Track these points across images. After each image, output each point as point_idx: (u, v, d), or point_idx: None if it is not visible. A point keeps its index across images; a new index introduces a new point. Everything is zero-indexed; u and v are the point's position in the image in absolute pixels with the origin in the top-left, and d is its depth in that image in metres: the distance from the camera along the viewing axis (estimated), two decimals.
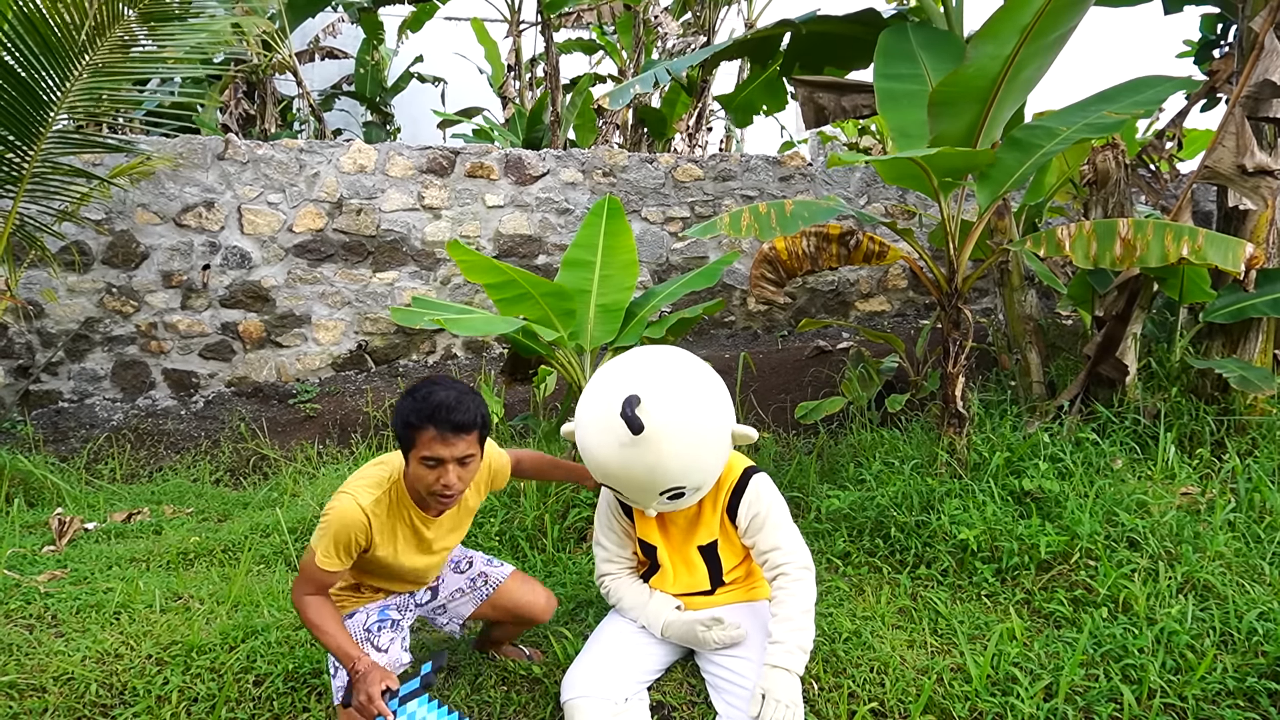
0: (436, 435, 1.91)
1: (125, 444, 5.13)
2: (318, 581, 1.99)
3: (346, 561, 1.99)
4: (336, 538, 1.96)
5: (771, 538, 2.21)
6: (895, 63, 3.67)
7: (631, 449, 2.04)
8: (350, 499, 1.98)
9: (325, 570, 1.97)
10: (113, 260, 5.50)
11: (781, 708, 1.97)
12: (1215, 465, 3.51)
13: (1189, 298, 3.97)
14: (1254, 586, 2.62)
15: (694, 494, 2.18)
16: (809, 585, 2.18)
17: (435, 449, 1.92)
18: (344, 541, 1.97)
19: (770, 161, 6.84)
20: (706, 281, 3.87)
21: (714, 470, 2.18)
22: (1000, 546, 2.87)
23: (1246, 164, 3.52)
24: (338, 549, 1.97)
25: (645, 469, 2.06)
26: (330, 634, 1.95)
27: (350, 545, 1.98)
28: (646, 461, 2.04)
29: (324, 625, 1.96)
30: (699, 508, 2.30)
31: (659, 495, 2.12)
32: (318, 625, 1.97)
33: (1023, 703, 2.16)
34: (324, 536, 1.96)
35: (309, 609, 1.98)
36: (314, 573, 1.98)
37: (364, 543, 2.00)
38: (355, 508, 1.97)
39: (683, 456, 2.07)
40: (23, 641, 2.44)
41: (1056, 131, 3.37)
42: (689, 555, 2.30)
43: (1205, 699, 2.20)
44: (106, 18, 4.13)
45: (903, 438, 3.97)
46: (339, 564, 1.98)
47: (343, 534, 1.96)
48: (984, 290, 6.92)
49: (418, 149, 6.11)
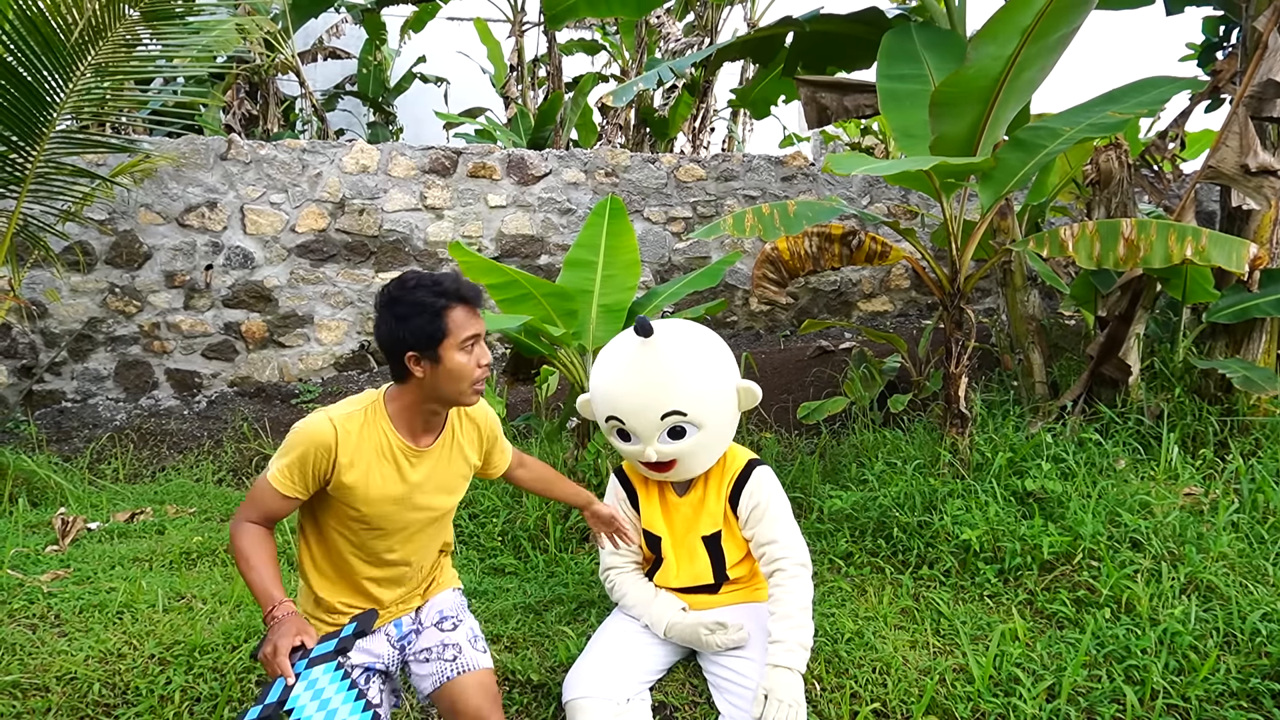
0: (468, 311, 1.74)
1: (128, 444, 5.14)
2: (263, 507, 1.74)
3: (302, 487, 1.74)
4: (297, 453, 1.72)
5: (770, 530, 2.22)
6: (898, 63, 3.67)
7: (640, 358, 2.18)
8: (318, 412, 1.78)
9: (276, 490, 1.72)
10: (116, 260, 5.51)
11: (785, 707, 1.97)
12: (1219, 466, 3.51)
13: (1192, 298, 3.96)
14: (1257, 587, 2.61)
15: (694, 438, 2.19)
16: (806, 583, 2.18)
17: (472, 325, 1.74)
18: (304, 459, 1.72)
19: (773, 161, 6.84)
20: (709, 281, 3.87)
21: (717, 415, 2.23)
22: (1003, 547, 2.87)
23: (1250, 164, 3.52)
24: (295, 468, 1.72)
25: (652, 382, 2.16)
26: (255, 568, 1.68)
27: (311, 465, 1.72)
28: (653, 371, 2.17)
29: (251, 556, 1.70)
30: (703, 495, 2.32)
31: (661, 420, 2.16)
32: (244, 556, 1.70)
33: (1025, 703, 2.16)
34: (283, 454, 1.74)
35: (243, 535, 1.72)
36: (262, 493, 1.73)
37: (327, 466, 1.74)
38: (322, 419, 1.74)
39: (688, 375, 2.18)
40: (26, 641, 2.44)
41: (1059, 132, 3.37)
42: (693, 546, 2.31)
43: (1208, 700, 2.20)
44: (109, 18, 4.13)
45: (905, 438, 3.97)
46: (293, 487, 1.73)
47: (303, 448, 1.71)
48: (987, 290, 6.91)
49: (420, 149, 6.12)
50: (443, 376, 1.74)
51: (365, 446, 1.77)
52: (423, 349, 1.72)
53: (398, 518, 1.85)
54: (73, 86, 4.17)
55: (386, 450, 1.80)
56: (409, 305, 1.71)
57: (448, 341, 1.72)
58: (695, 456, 2.24)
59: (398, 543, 1.89)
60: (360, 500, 1.78)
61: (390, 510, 1.83)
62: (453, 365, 1.73)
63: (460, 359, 1.73)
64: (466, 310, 1.74)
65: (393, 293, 1.74)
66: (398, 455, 1.81)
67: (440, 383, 1.75)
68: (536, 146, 8.68)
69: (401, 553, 1.91)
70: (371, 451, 1.78)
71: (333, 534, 1.85)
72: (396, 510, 1.83)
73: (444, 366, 1.73)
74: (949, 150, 3.13)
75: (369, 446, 1.78)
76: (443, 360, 1.72)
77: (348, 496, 1.78)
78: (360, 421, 1.78)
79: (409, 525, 1.88)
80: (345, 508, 1.80)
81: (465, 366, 1.74)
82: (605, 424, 2.30)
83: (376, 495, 1.79)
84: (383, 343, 1.77)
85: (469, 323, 1.74)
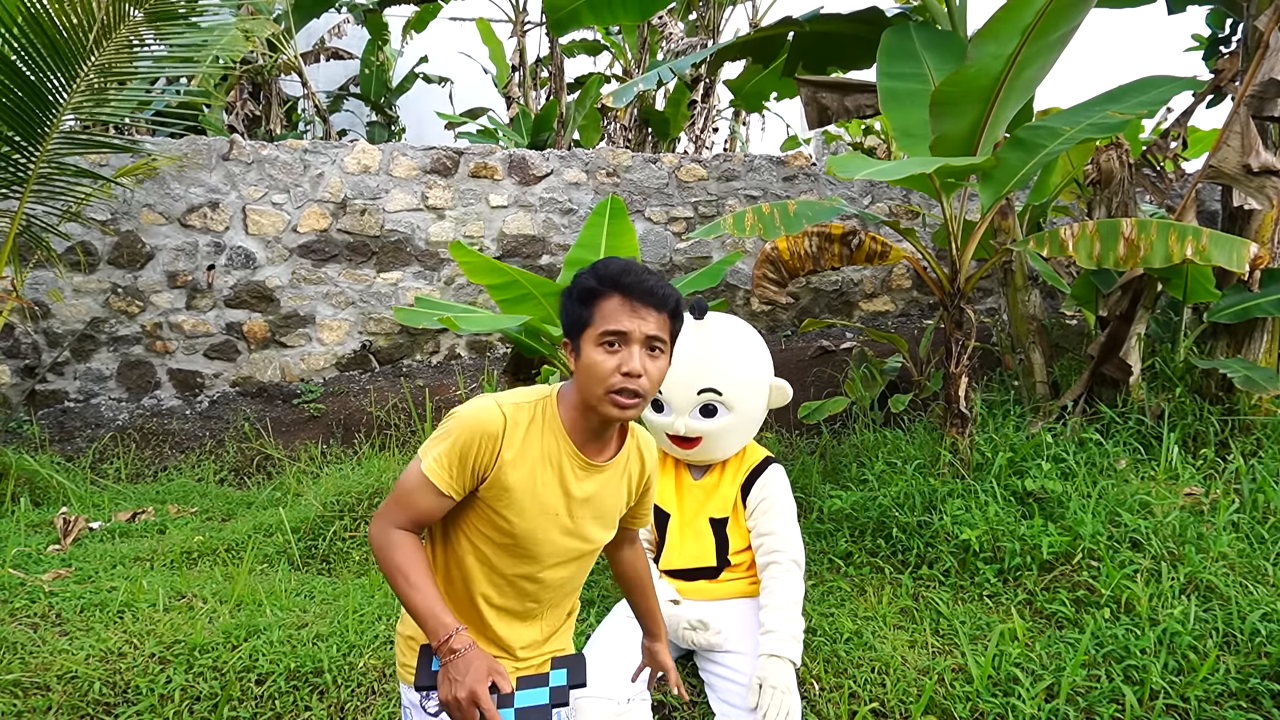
0: (623, 302, 1.46)
1: (130, 443, 5.15)
2: (414, 508, 1.47)
3: (459, 483, 1.47)
4: (458, 441, 1.45)
5: (772, 523, 2.29)
6: (898, 62, 3.67)
7: (689, 335, 2.35)
8: (482, 396, 1.53)
9: (431, 485, 1.45)
10: (118, 260, 5.52)
11: (779, 694, 1.98)
12: (1219, 466, 3.50)
13: (1193, 298, 3.96)
14: (1257, 587, 2.61)
15: (724, 420, 2.33)
16: (798, 579, 2.22)
17: (619, 320, 1.45)
18: (467, 446, 1.45)
19: (774, 161, 6.84)
20: (710, 281, 3.87)
21: (749, 403, 2.38)
22: (1002, 547, 2.87)
23: (1252, 163, 3.51)
24: (454, 457, 1.45)
25: (696, 357, 2.34)
26: (417, 587, 1.41)
27: (473, 455, 1.46)
28: (699, 349, 2.35)
29: (410, 572, 1.42)
30: (718, 481, 2.40)
31: (697, 395, 2.32)
32: (402, 572, 1.42)
33: (1024, 703, 2.16)
34: (440, 439, 1.47)
35: (394, 547, 1.45)
36: (413, 488, 1.47)
37: (490, 460, 1.47)
38: (489, 403, 1.49)
39: (731, 359, 2.37)
40: (27, 640, 2.45)
41: (1060, 131, 3.37)
42: (700, 526, 2.36)
43: (1208, 700, 2.20)
44: (113, 19, 4.14)
45: (905, 438, 3.97)
46: (450, 482, 1.46)
47: (467, 435, 1.45)
48: (988, 290, 6.91)
49: (422, 149, 6.13)
50: (581, 374, 1.49)
51: (531, 445, 1.51)
52: (568, 335, 1.52)
53: (549, 540, 1.55)
54: (76, 87, 4.18)
55: (554, 455, 1.53)
56: (574, 286, 1.51)
57: (588, 331, 1.47)
58: (720, 439, 2.36)
59: (541, 571, 1.58)
60: (515, 509, 1.51)
61: (544, 526, 1.54)
62: (587, 359, 1.47)
63: (595, 355, 1.46)
64: (624, 303, 1.46)
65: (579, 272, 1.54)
66: (565, 463, 1.53)
67: (581, 381, 1.50)
68: (539, 147, 8.69)
69: (538, 586, 1.60)
70: (537, 453, 1.52)
71: (463, 548, 1.57)
72: (551, 529, 1.55)
73: (583, 360, 1.48)
74: (949, 150, 3.13)
75: (535, 446, 1.52)
76: (582, 352, 1.48)
77: (502, 502, 1.50)
78: (529, 415, 1.52)
79: (558, 552, 1.58)
80: (493, 516, 1.52)
81: (600, 366, 1.45)
82: None
83: (535, 506, 1.52)
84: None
85: (620, 317, 1.45)
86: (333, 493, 3.79)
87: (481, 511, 1.52)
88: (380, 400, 5.63)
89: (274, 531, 3.61)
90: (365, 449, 5.04)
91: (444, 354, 6.31)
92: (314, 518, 3.63)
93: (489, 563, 1.55)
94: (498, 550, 1.54)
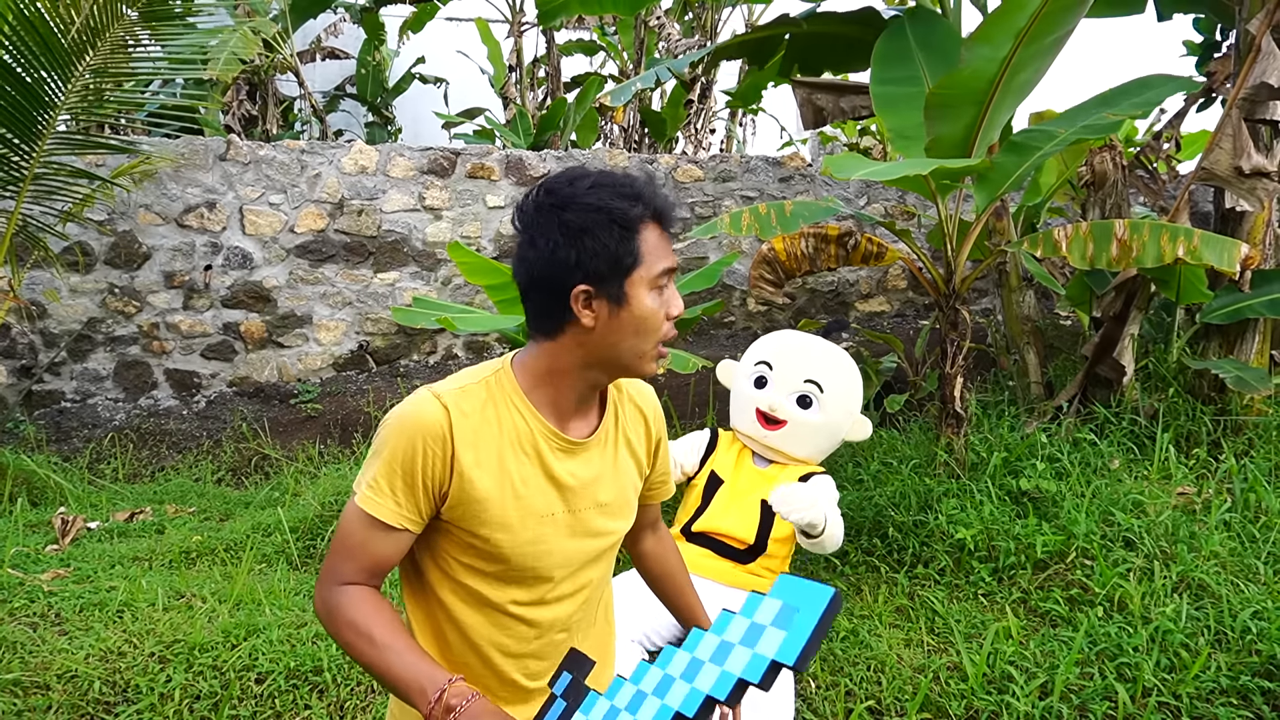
0: (660, 231, 1.16)
1: (127, 444, 5.15)
2: (360, 554, 1.12)
3: (413, 507, 1.11)
4: (394, 454, 1.11)
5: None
6: (892, 65, 3.68)
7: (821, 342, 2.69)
8: (422, 389, 1.16)
9: (371, 519, 1.10)
10: (115, 261, 5.52)
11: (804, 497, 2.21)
12: (1212, 465, 3.53)
13: (1186, 298, 3.99)
14: (1248, 586, 2.64)
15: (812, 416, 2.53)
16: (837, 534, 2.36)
17: (664, 254, 1.15)
18: (408, 459, 1.10)
19: (770, 162, 6.86)
20: (706, 282, 3.89)
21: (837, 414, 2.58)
22: (997, 546, 2.89)
23: (1243, 166, 3.54)
24: (395, 477, 1.11)
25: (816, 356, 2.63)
26: (387, 645, 1.07)
27: (419, 468, 1.10)
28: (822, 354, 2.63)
29: (374, 630, 1.08)
30: (780, 473, 2.53)
31: (803, 382, 2.55)
32: (362, 633, 1.09)
33: (1019, 701, 2.18)
34: (373, 459, 1.13)
35: (344, 609, 1.10)
36: (353, 530, 1.12)
37: (443, 471, 1.11)
38: (424, 398, 1.14)
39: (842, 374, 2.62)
40: (27, 639, 2.46)
41: (1054, 134, 3.39)
42: (752, 505, 2.43)
43: (1199, 697, 2.22)
44: (107, 18, 4.14)
45: (901, 438, 3.99)
46: (396, 510, 1.11)
47: (405, 445, 1.10)
48: (983, 291, 6.93)
49: (419, 150, 6.13)
50: (625, 327, 1.13)
51: (492, 436, 1.15)
52: (602, 281, 1.11)
53: (553, 551, 1.19)
54: (71, 86, 4.18)
55: (527, 440, 1.17)
56: (588, 212, 1.10)
57: (639, 273, 1.12)
58: (801, 434, 2.53)
59: (554, 591, 1.22)
60: (497, 525, 1.15)
61: (541, 536, 1.18)
62: (642, 309, 1.13)
63: (651, 303, 1.13)
64: (661, 232, 1.16)
65: (561, 192, 1.12)
66: (542, 446, 1.17)
67: (619, 337, 1.13)
68: (542, 148, 8.70)
69: (558, 609, 1.23)
70: (504, 444, 1.15)
71: (449, 595, 1.19)
72: (550, 537, 1.19)
73: (629, 310, 1.12)
74: (944, 152, 3.15)
75: (498, 436, 1.15)
76: (629, 300, 1.12)
77: (478, 520, 1.14)
78: (480, 399, 1.16)
79: (569, 561, 1.22)
80: (473, 541, 1.15)
81: (656, 316, 1.14)
82: (751, 368, 2.66)
83: (521, 513, 1.16)
84: (535, 272, 1.13)
85: (665, 251, 1.16)
86: (330, 493, 3.80)
87: (457, 539, 1.16)
88: (378, 400, 5.63)
89: (272, 531, 3.61)
90: (362, 449, 5.04)
91: (441, 354, 6.32)
92: (312, 518, 3.64)
93: (487, 602, 1.19)
94: (492, 583, 1.18)
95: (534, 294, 1.16)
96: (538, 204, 1.14)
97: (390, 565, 1.15)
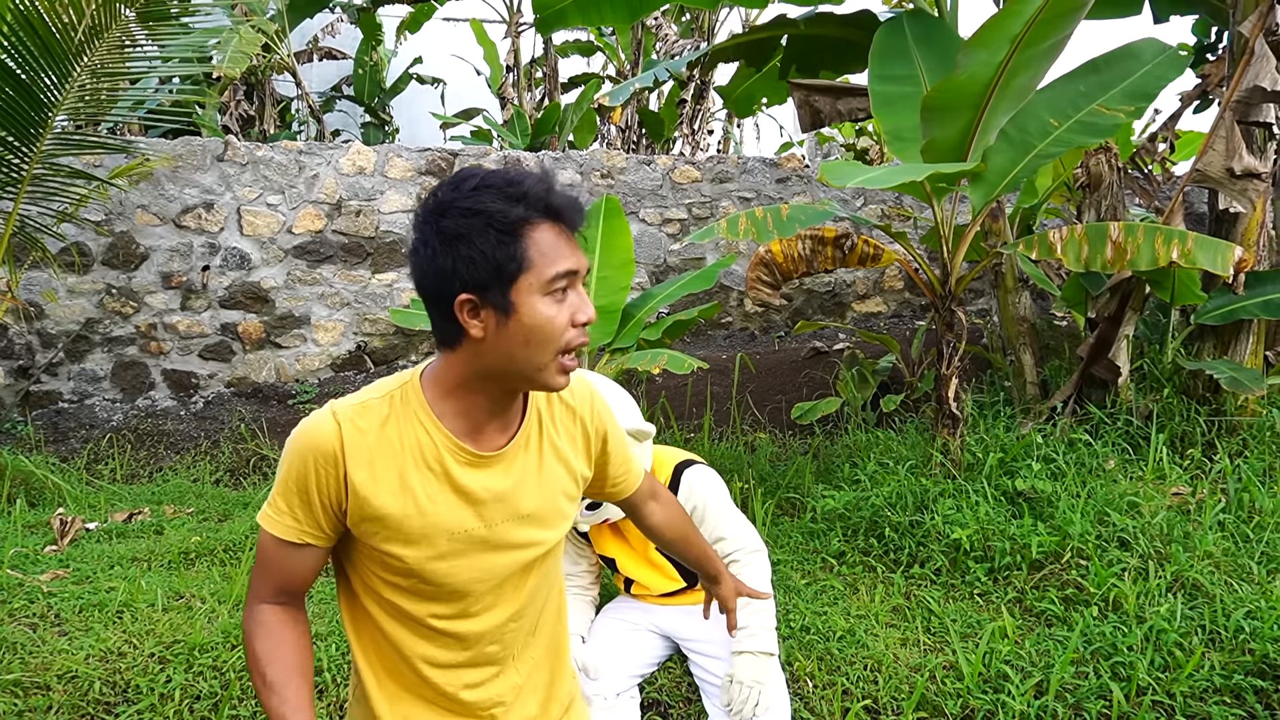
0: (560, 234, 1.09)
1: (125, 444, 5.15)
2: (273, 572, 1.16)
3: (311, 524, 1.13)
4: (290, 471, 1.12)
5: (714, 529, 2.19)
6: (890, 63, 3.69)
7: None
8: (327, 405, 1.16)
9: (273, 536, 1.13)
10: (113, 261, 5.52)
11: (744, 689, 1.99)
12: (1206, 466, 3.56)
13: (1180, 300, 4.01)
14: (1242, 585, 2.66)
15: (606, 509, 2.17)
16: (762, 565, 2.18)
17: (568, 257, 1.09)
18: (303, 477, 1.11)
19: (767, 164, 6.88)
20: (704, 283, 3.91)
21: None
22: (993, 546, 2.91)
23: (1235, 167, 3.56)
24: (292, 494, 1.12)
25: None
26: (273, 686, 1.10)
27: (314, 486, 1.11)
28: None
29: (268, 668, 1.11)
30: None
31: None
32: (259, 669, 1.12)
33: (1014, 700, 2.20)
34: (277, 475, 1.15)
35: (253, 638, 1.14)
36: (263, 546, 1.15)
37: (337, 487, 1.12)
38: (324, 415, 1.13)
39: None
40: (26, 640, 2.47)
41: (1048, 127, 3.37)
42: (652, 558, 2.30)
43: (1193, 696, 2.24)
44: (105, 18, 4.14)
45: (897, 438, 4.01)
46: (296, 526, 1.13)
47: (299, 463, 1.11)
48: (979, 292, 6.96)
49: (416, 151, 6.14)
50: (514, 338, 1.08)
51: (391, 453, 1.13)
52: (484, 289, 1.06)
53: (467, 566, 1.17)
54: (68, 87, 4.18)
55: (431, 455, 1.15)
56: (466, 217, 1.05)
57: (527, 279, 1.06)
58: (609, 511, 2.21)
59: (475, 605, 1.20)
60: (401, 541, 1.14)
61: (452, 551, 1.16)
62: (532, 319, 1.07)
63: (545, 310, 1.08)
64: (559, 232, 1.09)
65: (442, 198, 1.08)
66: (448, 462, 1.15)
67: (510, 348, 1.09)
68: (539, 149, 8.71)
69: (483, 621, 1.21)
70: (404, 460, 1.14)
71: (372, 606, 1.20)
72: (463, 552, 1.17)
73: (518, 320, 1.07)
74: (940, 155, 3.17)
75: (398, 453, 1.14)
76: (517, 310, 1.07)
77: (380, 537, 1.14)
78: (382, 415, 1.14)
79: (489, 575, 1.19)
80: (382, 556, 1.15)
81: (551, 324, 1.08)
82: None
83: (426, 529, 1.14)
84: (423, 281, 1.10)
85: (562, 252, 1.08)
86: None
87: (369, 554, 1.16)
88: None
89: None
90: None
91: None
92: None
93: (408, 615, 1.18)
94: (408, 597, 1.17)
95: (426, 304, 1.12)
96: (424, 209, 1.10)
97: (305, 581, 1.18)
